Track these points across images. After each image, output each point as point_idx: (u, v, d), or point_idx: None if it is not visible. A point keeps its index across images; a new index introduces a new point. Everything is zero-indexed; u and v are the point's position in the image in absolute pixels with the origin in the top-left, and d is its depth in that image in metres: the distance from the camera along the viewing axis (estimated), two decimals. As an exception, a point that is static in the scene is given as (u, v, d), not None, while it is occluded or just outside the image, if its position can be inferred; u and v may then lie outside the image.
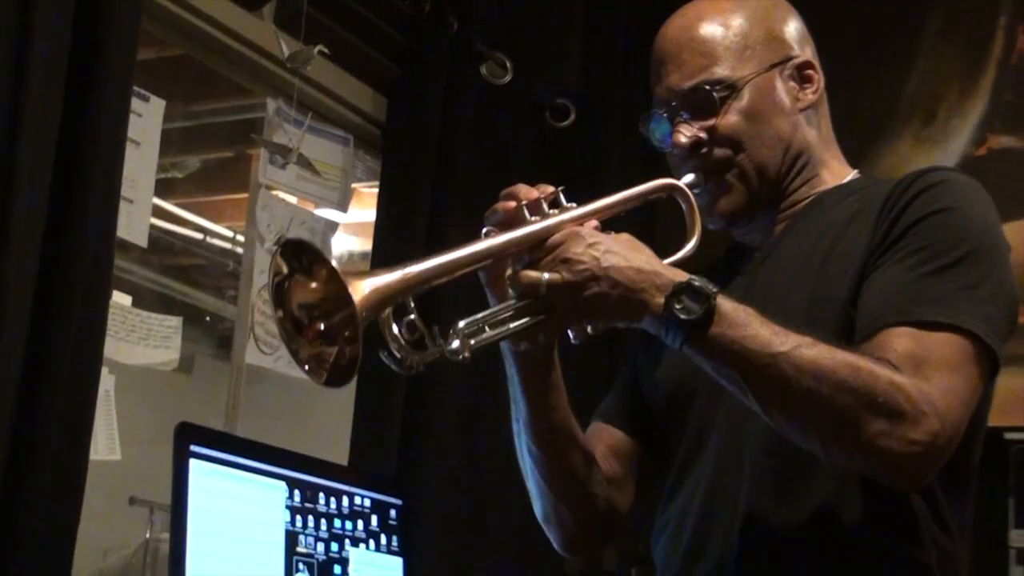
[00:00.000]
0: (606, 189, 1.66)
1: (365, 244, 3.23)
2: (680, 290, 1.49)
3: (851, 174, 1.79)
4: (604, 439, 1.81)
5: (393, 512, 2.50)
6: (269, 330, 2.88)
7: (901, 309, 1.52)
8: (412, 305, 1.47)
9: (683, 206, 1.72)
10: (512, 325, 1.52)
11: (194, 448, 2.11)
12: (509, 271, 1.56)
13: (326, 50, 2.91)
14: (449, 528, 3.10)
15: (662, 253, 1.60)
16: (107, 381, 2.43)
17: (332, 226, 3.11)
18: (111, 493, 2.88)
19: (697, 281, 1.49)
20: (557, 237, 1.53)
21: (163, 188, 3.92)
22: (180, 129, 3.61)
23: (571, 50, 3.69)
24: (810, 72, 1.76)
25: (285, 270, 1.43)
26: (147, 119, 2.52)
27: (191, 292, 4.62)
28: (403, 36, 3.19)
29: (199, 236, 4.40)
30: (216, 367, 4.55)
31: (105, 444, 2.47)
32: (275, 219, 2.90)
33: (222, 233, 4.44)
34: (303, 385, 3.09)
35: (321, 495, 2.34)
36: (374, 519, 2.45)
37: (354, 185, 3.37)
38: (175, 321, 2.67)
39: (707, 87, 1.70)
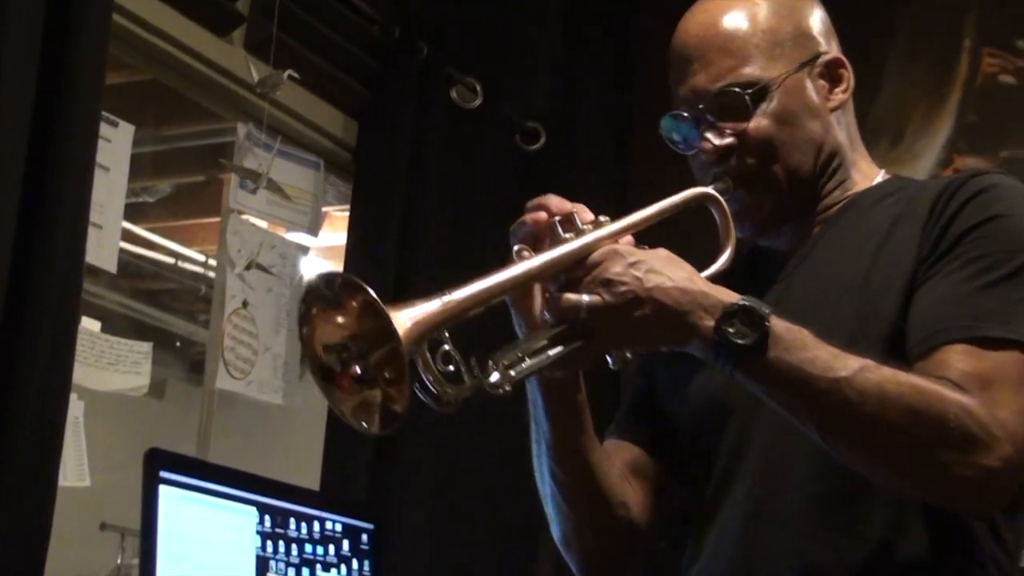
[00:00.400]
0: None
1: (337, 267, 3.23)
2: (731, 312, 1.40)
3: (880, 174, 1.71)
4: (621, 456, 1.71)
5: (365, 537, 2.50)
6: (240, 355, 2.88)
7: (961, 324, 1.44)
8: (447, 335, 1.36)
9: (716, 215, 1.62)
10: (551, 353, 1.42)
11: (164, 474, 2.11)
12: (542, 294, 1.49)
13: (296, 75, 2.92)
14: (422, 553, 3.09)
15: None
16: (76, 407, 2.42)
17: (303, 250, 3.11)
18: (82, 519, 2.87)
19: (748, 301, 1.41)
20: (596, 256, 1.44)
21: (134, 213, 3.93)
22: (151, 153, 3.62)
23: (541, 73, 3.70)
24: (840, 71, 1.67)
25: (314, 312, 1.32)
26: (116, 144, 2.52)
27: (162, 316, 4.61)
28: (373, 60, 3.20)
29: (171, 260, 4.40)
30: (188, 391, 4.54)
31: (75, 470, 2.45)
32: (245, 244, 2.90)
33: (194, 257, 4.44)
34: (275, 409, 3.11)
35: (292, 520, 2.34)
36: (346, 544, 2.45)
37: (326, 208, 3.37)
38: (145, 347, 2.67)
39: (737, 89, 1.60)
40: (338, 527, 2.43)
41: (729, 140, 1.61)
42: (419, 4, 3.27)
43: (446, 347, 1.36)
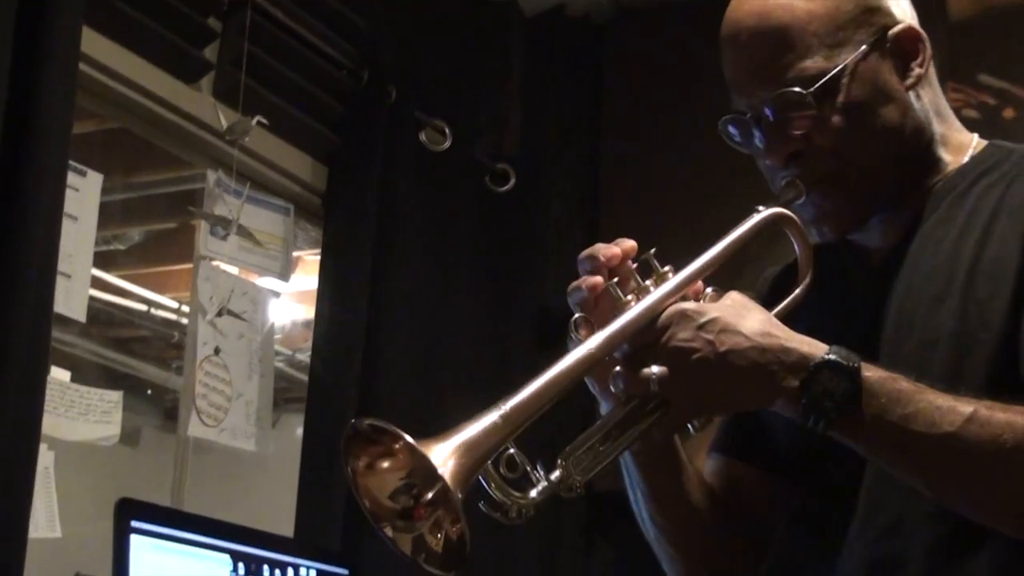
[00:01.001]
0: (548, 253, 1.49)
1: (311, 312, 3.24)
2: (817, 369, 1.28)
3: (973, 143, 1.52)
4: (726, 474, 1.59)
5: (339, 582, 2.49)
6: (213, 402, 2.87)
7: None
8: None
9: (791, 236, 1.47)
10: (625, 435, 1.32)
11: (135, 524, 2.09)
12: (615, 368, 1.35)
13: (265, 121, 2.92)
14: (398, 596, 3.08)
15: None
16: (46, 458, 2.41)
17: (274, 295, 3.11)
18: (53, 571, 2.85)
19: (834, 354, 1.29)
20: (662, 320, 1.32)
21: (105, 260, 3.92)
22: (121, 201, 3.62)
23: (509, 115, 3.73)
24: (916, 43, 1.48)
25: (360, 463, 1.23)
26: (84, 193, 2.52)
27: (135, 364, 4.60)
28: (342, 105, 3.21)
29: (143, 308, 4.39)
30: (163, 439, 4.53)
31: (45, 521, 2.44)
32: (217, 290, 2.90)
33: (166, 304, 4.44)
34: (250, 456, 3.10)
35: (266, 567, 2.32)
36: (320, 590, 2.44)
37: (299, 253, 3.38)
38: (115, 396, 2.65)
39: (798, 88, 1.43)
40: (312, 573, 2.42)
41: (794, 146, 1.46)
42: (387, 48, 3.29)
43: (511, 451, 1.24)
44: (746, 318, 1.32)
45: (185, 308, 3.83)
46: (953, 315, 1.39)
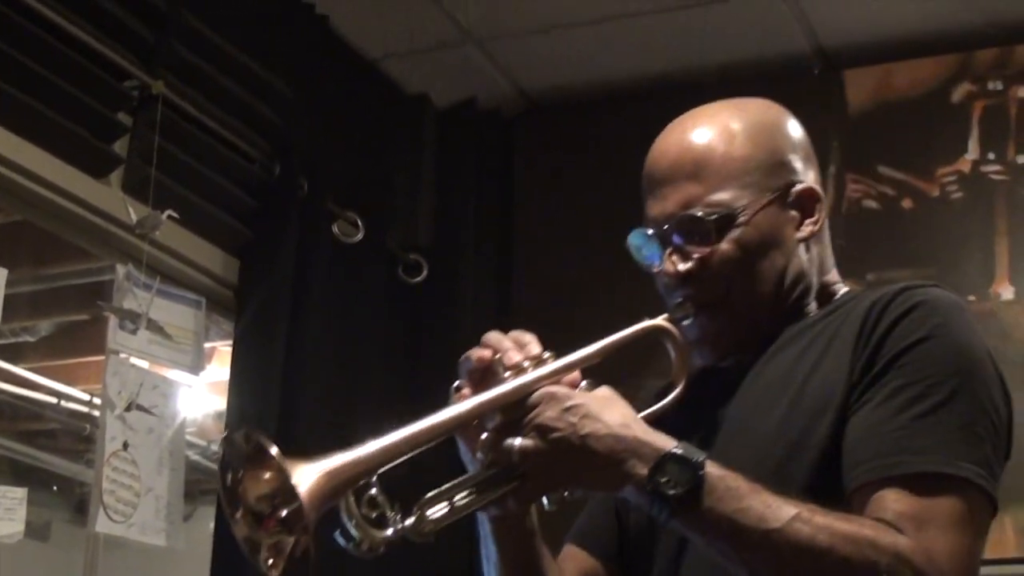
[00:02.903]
0: (461, 343, 1.54)
1: (222, 405, 3.22)
2: (664, 460, 1.39)
3: (840, 293, 1.66)
4: (578, 563, 1.68)
5: None
6: (121, 497, 2.84)
7: (895, 461, 1.43)
8: (374, 479, 1.35)
9: (669, 348, 1.60)
10: (481, 496, 1.42)
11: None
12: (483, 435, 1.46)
13: (175, 214, 2.92)
14: None
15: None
16: (-52, 558, 2.37)
17: (185, 388, 3.08)
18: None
19: (681, 449, 1.40)
20: (532, 399, 1.44)
21: (14, 353, 3.88)
22: (29, 293, 3.58)
23: (422, 206, 3.76)
24: (813, 202, 1.62)
25: (235, 468, 1.33)
26: (-12, 288, 2.50)
27: (45, 457, 4.53)
28: (253, 198, 3.22)
29: (53, 400, 4.33)
30: (74, 532, 4.45)
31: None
32: (126, 384, 2.87)
33: (77, 396, 4.38)
34: (162, 552, 3.06)
35: (172, 667, 2.30)
36: None
37: (213, 344, 3.36)
38: (19, 492, 2.63)
39: (702, 216, 1.57)
40: (220, 672, 2.39)
41: (691, 265, 1.59)
42: (299, 142, 3.31)
43: (372, 491, 1.34)
44: (610, 409, 1.44)
45: (97, 400, 3.79)
46: (779, 423, 1.51)
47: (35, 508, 2.67)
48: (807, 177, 1.65)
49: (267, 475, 1.31)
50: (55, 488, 4.52)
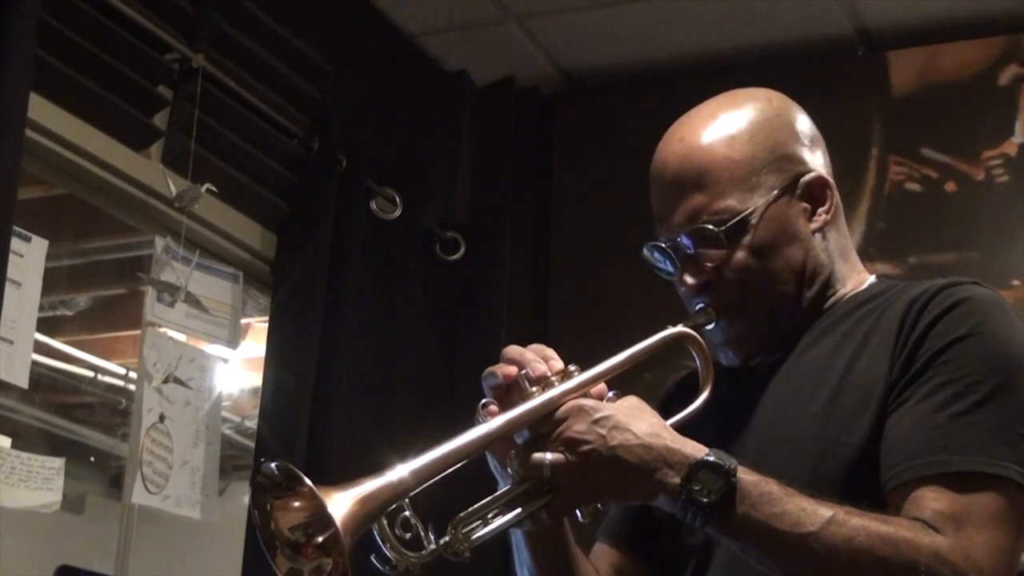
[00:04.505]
0: (498, 321, 1.57)
1: (259, 379, 3.22)
2: (696, 468, 1.39)
3: (868, 281, 1.65)
4: (610, 561, 1.68)
5: (281, 654, 2.46)
6: (157, 469, 2.85)
7: (934, 460, 1.42)
8: (407, 500, 1.35)
9: (694, 354, 1.59)
10: (514, 513, 1.42)
11: (73, 593, 2.08)
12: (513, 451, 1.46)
13: (214, 188, 2.93)
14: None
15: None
16: (-13, 525, 2.39)
17: (222, 362, 3.09)
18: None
19: (713, 456, 1.39)
20: (560, 412, 1.43)
21: (51, 326, 3.89)
22: (68, 267, 3.60)
23: (459, 184, 3.75)
24: (823, 190, 1.62)
25: (268, 502, 1.32)
26: (28, 259, 2.51)
27: (81, 430, 4.55)
28: (292, 174, 3.22)
29: (90, 374, 4.35)
30: (109, 506, 4.47)
31: (-15, 590, 2.41)
32: (163, 357, 2.88)
33: (114, 370, 4.40)
34: (197, 524, 3.07)
35: (206, 638, 2.30)
36: (262, 661, 2.41)
37: (249, 320, 3.36)
38: (57, 462, 2.63)
39: (711, 225, 1.56)
40: (254, 645, 2.40)
41: (706, 277, 1.59)
42: (338, 117, 3.30)
43: (406, 512, 1.35)
44: (638, 419, 1.43)
45: (132, 374, 3.80)
46: (817, 420, 1.51)
47: (71, 481, 2.67)
48: (816, 164, 1.63)
49: (300, 503, 1.31)
50: (91, 460, 4.53)
